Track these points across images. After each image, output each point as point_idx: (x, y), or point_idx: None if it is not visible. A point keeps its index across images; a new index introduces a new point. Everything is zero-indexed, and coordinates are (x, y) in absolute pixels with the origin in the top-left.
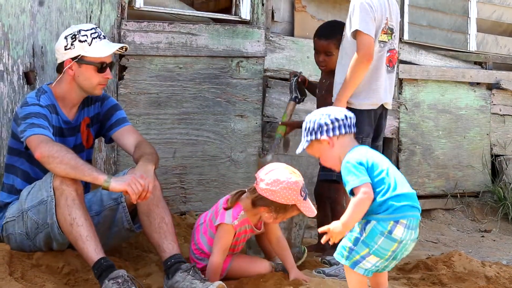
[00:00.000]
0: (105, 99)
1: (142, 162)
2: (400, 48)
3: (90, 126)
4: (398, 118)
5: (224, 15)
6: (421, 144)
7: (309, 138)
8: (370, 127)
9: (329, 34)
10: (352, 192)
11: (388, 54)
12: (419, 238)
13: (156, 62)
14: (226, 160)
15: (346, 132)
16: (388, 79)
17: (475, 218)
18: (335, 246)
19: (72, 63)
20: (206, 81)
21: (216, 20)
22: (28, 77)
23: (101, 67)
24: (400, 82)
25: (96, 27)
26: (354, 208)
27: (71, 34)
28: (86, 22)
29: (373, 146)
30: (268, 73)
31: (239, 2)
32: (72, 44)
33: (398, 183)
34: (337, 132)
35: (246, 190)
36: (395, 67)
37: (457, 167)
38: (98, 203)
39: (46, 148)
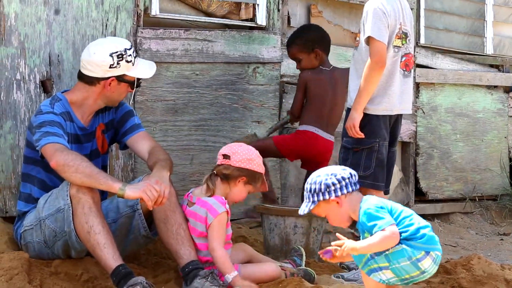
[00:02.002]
0: (119, 106)
1: (157, 168)
2: (417, 52)
3: (105, 132)
4: (416, 122)
5: (240, 21)
6: (438, 148)
7: (315, 199)
8: (386, 131)
9: (289, 42)
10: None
11: (404, 58)
12: None
13: (172, 69)
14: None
15: (353, 190)
16: (404, 83)
17: (494, 221)
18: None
19: (113, 80)
20: (223, 88)
21: (232, 27)
22: (45, 86)
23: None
24: (417, 86)
25: (131, 43)
26: (380, 240)
27: (118, 52)
28: (103, 31)
29: (389, 151)
30: (284, 79)
31: (255, 8)
32: (118, 63)
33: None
34: (344, 191)
35: (214, 172)
36: (412, 71)
37: (475, 171)
38: (114, 210)
39: (61, 156)
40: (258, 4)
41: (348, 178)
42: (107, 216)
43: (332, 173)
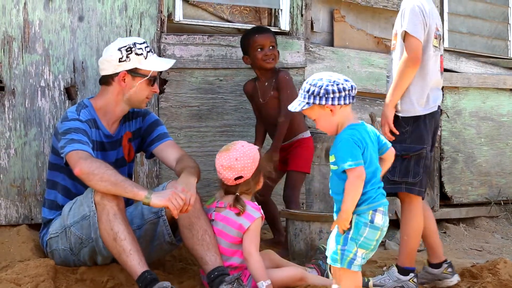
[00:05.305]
0: (146, 114)
1: (184, 174)
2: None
3: (132, 140)
4: (440, 126)
5: (264, 26)
6: (463, 152)
7: (311, 101)
8: (430, 136)
9: (268, 29)
10: (344, 171)
11: (439, 59)
12: (463, 247)
13: (196, 75)
14: None
15: (349, 103)
16: (437, 83)
17: None
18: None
19: (126, 75)
20: None
21: None
22: (69, 93)
23: (154, 80)
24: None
25: (145, 41)
26: (350, 193)
27: (126, 46)
28: (126, 37)
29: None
30: None
31: (278, 14)
32: (127, 57)
33: (378, 169)
34: (342, 102)
35: (238, 194)
36: (443, 73)
37: (500, 174)
38: (139, 217)
39: (85, 164)
40: (281, 10)
41: (349, 90)
42: (132, 223)
43: (334, 80)
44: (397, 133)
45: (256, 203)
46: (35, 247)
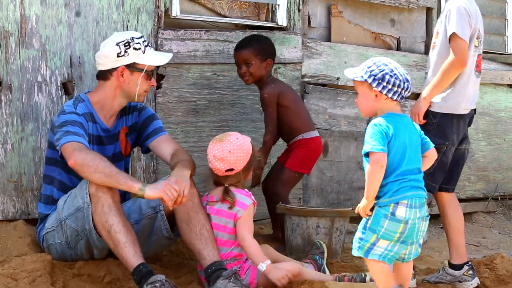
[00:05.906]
0: (142, 109)
1: (178, 167)
2: None
3: (128, 135)
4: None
5: (261, 22)
6: None
7: (365, 77)
8: (457, 136)
9: (245, 44)
10: (367, 155)
11: (476, 59)
12: None
13: (193, 70)
14: (265, 167)
15: (396, 99)
16: (475, 84)
17: None
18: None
19: (124, 70)
20: (244, 88)
21: (253, 28)
22: (66, 88)
23: (152, 74)
24: None
25: (142, 35)
26: (369, 179)
27: (124, 41)
28: (123, 31)
29: (460, 149)
30: (305, 79)
31: (276, 9)
32: (126, 51)
33: (404, 161)
34: (390, 95)
35: (227, 186)
36: (480, 72)
37: (498, 170)
38: (137, 212)
39: (80, 156)
40: (278, 5)
41: (403, 89)
42: (130, 217)
43: (396, 74)
44: (423, 122)
45: (246, 190)
46: (32, 242)
